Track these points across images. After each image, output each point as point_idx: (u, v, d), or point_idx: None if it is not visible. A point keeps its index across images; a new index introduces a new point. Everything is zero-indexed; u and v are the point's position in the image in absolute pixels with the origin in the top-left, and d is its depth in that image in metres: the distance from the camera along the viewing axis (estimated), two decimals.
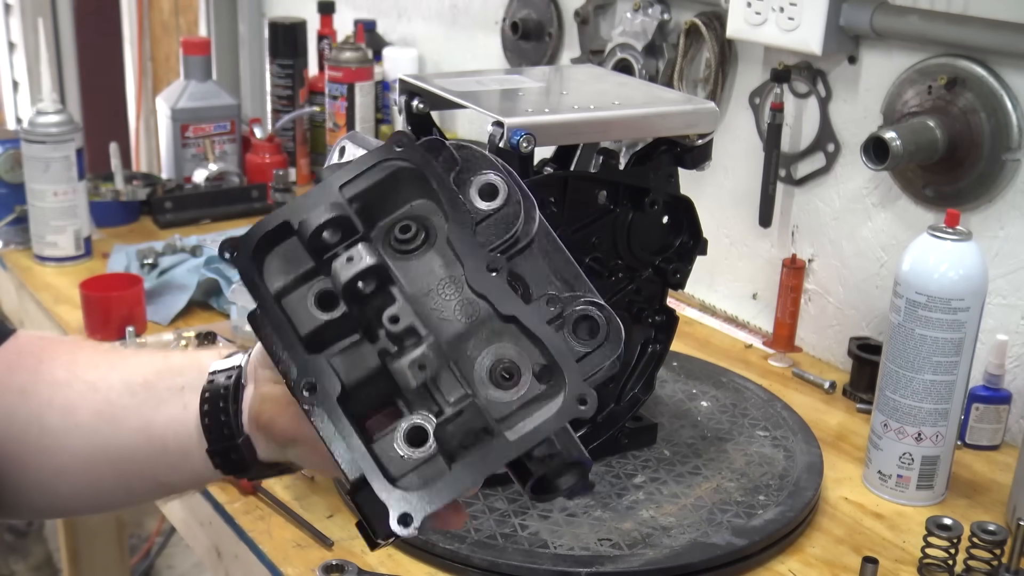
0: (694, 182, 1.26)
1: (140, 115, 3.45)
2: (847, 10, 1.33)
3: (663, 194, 1.11)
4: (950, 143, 1.26)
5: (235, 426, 0.71)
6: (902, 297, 1.09)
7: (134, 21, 3.46)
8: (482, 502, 1.07)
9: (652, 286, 1.14)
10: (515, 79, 1.20)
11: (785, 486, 1.12)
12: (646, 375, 1.17)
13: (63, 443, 0.74)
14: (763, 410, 1.28)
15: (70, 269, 1.69)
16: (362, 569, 0.98)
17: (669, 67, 1.59)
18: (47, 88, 1.68)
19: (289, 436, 0.69)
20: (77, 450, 0.74)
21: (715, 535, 1.03)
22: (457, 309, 0.62)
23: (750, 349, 1.52)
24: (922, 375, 1.09)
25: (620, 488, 1.11)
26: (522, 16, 1.83)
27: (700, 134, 1.11)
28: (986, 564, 0.98)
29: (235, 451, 0.71)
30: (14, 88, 3.59)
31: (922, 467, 1.12)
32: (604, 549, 1.01)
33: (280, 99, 2.15)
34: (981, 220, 1.26)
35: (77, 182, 1.67)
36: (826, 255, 1.47)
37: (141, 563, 2.73)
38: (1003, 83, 1.22)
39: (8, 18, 3.52)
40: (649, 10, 1.59)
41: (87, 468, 0.75)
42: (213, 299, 1.57)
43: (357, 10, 2.30)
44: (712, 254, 1.21)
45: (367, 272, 0.61)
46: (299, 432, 0.68)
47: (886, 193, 1.37)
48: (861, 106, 1.39)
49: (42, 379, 0.76)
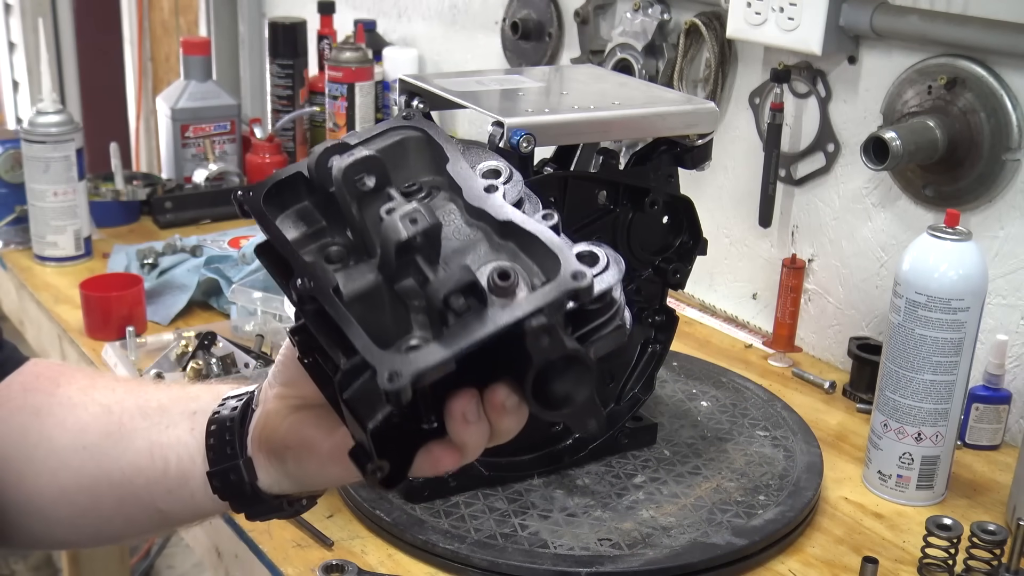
0: (694, 182, 1.26)
1: (140, 115, 3.45)
2: (847, 10, 1.33)
3: (663, 194, 1.11)
4: (950, 143, 1.26)
5: (238, 447, 0.71)
6: (902, 297, 1.09)
7: (134, 21, 3.46)
8: (482, 502, 1.07)
9: (652, 286, 1.14)
10: (515, 79, 1.20)
11: (785, 486, 1.12)
12: (646, 375, 1.17)
13: (68, 463, 0.74)
14: (763, 410, 1.28)
15: (70, 269, 1.69)
16: (362, 569, 0.98)
17: (669, 67, 1.59)
18: (47, 88, 1.68)
19: (287, 444, 0.69)
20: (81, 470, 0.74)
21: (715, 535, 1.03)
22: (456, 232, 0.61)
23: (750, 349, 1.52)
24: (922, 375, 1.09)
25: (620, 488, 1.11)
26: (522, 16, 1.83)
27: (700, 134, 1.11)
28: (986, 564, 0.98)
29: (235, 471, 0.70)
30: (14, 88, 3.60)
31: (922, 467, 1.12)
32: (604, 549, 1.01)
33: (280, 99, 2.15)
34: (981, 220, 1.26)
35: (77, 182, 1.67)
36: (826, 255, 1.47)
37: (141, 563, 2.73)
38: (1003, 83, 1.22)
39: (8, 18, 3.52)
40: (649, 10, 1.59)
41: (89, 489, 0.75)
42: (213, 299, 1.57)
43: (357, 10, 2.30)
44: (712, 254, 1.21)
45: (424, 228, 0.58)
46: (297, 436, 0.68)
47: (886, 193, 1.37)
48: (861, 106, 1.39)
49: (57, 401, 0.76)
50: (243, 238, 1.72)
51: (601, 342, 0.58)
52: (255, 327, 1.42)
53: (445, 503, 1.06)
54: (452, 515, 1.05)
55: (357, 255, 0.62)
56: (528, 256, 0.59)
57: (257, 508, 0.73)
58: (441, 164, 0.64)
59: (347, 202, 0.61)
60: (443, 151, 0.64)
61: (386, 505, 1.05)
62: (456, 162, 0.64)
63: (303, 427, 0.68)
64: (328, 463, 0.67)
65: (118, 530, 0.79)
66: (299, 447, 0.68)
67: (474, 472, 1.08)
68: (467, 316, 0.55)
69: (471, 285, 0.55)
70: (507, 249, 0.60)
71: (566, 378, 0.56)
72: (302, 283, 0.59)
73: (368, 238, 0.61)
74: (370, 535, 1.05)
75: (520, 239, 0.60)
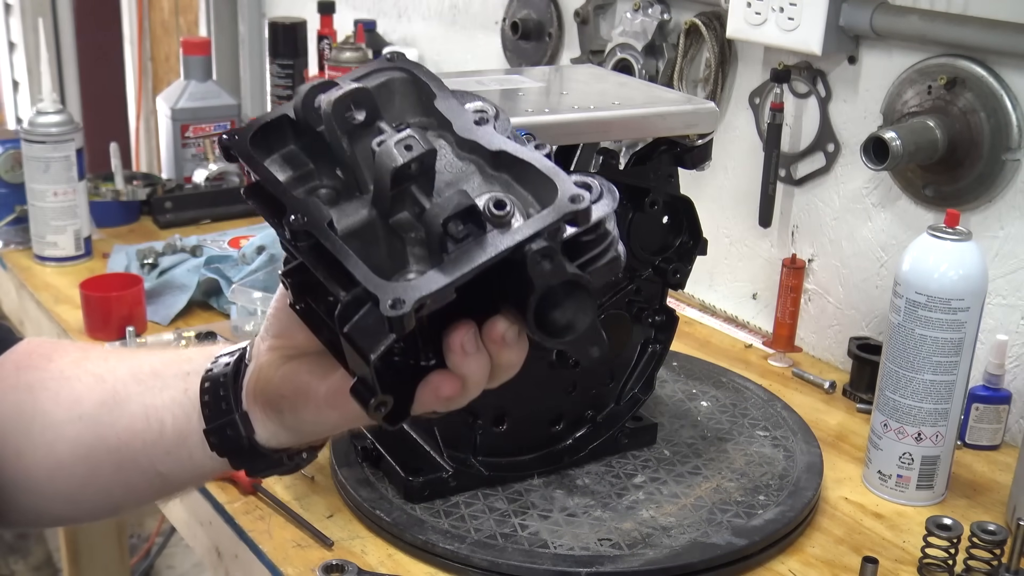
0: (694, 182, 1.26)
1: (140, 115, 3.45)
2: (847, 10, 1.33)
3: (663, 194, 1.11)
4: (950, 143, 1.26)
5: (233, 402, 0.70)
6: (902, 297, 1.09)
7: (134, 21, 3.46)
8: (482, 502, 1.07)
9: (652, 286, 1.14)
10: (515, 79, 1.20)
11: (785, 486, 1.12)
12: (646, 375, 1.17)
13: (65, 435, 0.74)
14: (763, 410, 1.28)
15: (70, 269, 1.69)
16: (362, 569, 0.98)
17: (669, 67, 1.59)
18: (47, 88, 1.68)
19: (282, 393, 0.68)
20: (78, 441, 0.74)
21: (715, 535, 1.03)
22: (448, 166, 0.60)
23: (750, 349, 1.52)
24: (922, 375, 1.09)
25: (620, 488, 1.11)
26: (522, 16, 1.83)
27: (700, 134, 1.11)
28: (986, 564, 0.98)
29: (231, 426, 0.70)
30: (14, 88, 3.60)
31: (922, 467, 1.12)
32: (604, 549, 1.01)
33: (280, 99, 2.14)
34: (981, 220, 1.26)
35: (77, 182, 1.67)
36: (826, 255, 1.47)
37: (141, 563, 2.73)
38: (1003, 83, 1.22)
39: (8, 18, 3.52)
40: (649, 10, 1.59)
41: (86, 459, 0.74)
42: (213, 299, 1.57)
43: (357, 10, 2.30)
44: (712, 254, 1.21)
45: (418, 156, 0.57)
46: (292, 384, 0.68)
47: (886, 193, 1.37)
48: (861, 106, 1.39)
49: (50, 375, 0.77)
50: (243, 238, 1.72)
51: (598, 272, 0.58)
52: (255, 327, 1.42)
53: (445, 503, 1.06)
54: (452, 515, 1.05)
55: (348, 195, 0.61)
56: (522, 186, 0.59)
57: (256, 463, 0.72)
58: (428, 104, 0.63)
59: (337, 137, 0.60)
60: (430, 89, 0.63)
61: (386, 505, 1.05)
62: (444, 98, 0.63)
63: (297, 374, 0.67)
64: (325, 408, 0.67)
65: (118, 499, 0.79)
66: (294, 395, 0.68)
67: (474, 472, 1.09)
68: (467, 243, 0.54)
69: (470, 209, 0.55)
70: (501, 180, 0.59)
71: (568, 305, 0.56)
72: (296, 219, 0.57)
73: (360, 174, 0.60)
74: (370, 535, 1.05)
75: (513, 169, 0.59)
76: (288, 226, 0.58)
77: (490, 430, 1.10)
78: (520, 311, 0.57)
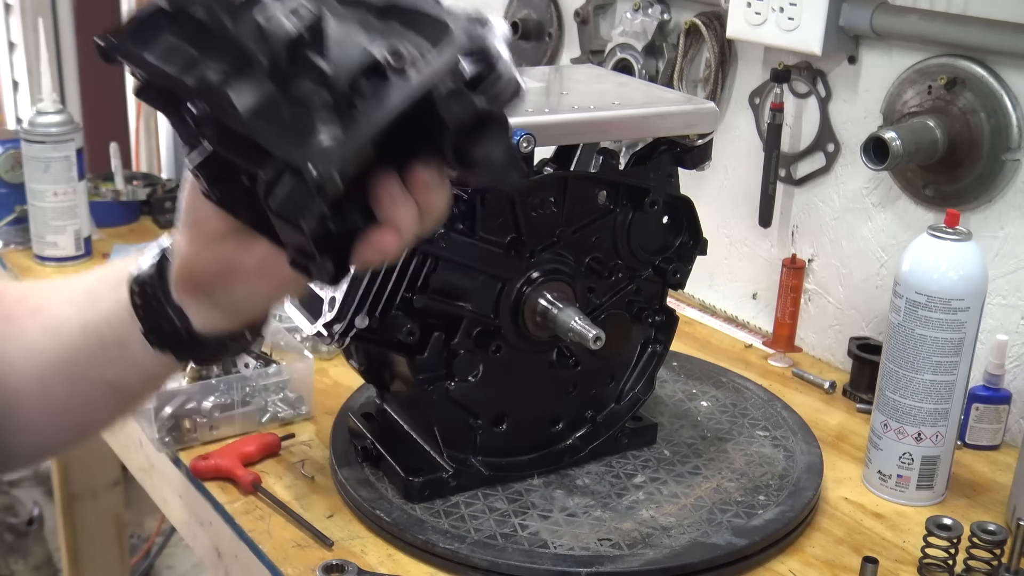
0: (694, 182, 1.26)
1: (140, 115, 3.44)
2: (847, 10, 1.33)
3: (663, 194, 1.11)
4: (950, 143, 1.26)
5: (163, 297, 0.72)
6: (902, 297, 1.09)
7: None
8: (482, 502, 1.07)
9: (652, 286, 1.14)
10: None
11: (785, 486, 1.12)
12: (646, 375, 1.17)
13: (14, 368, 0.76)
14: (763, 410, 1.28)
15: (70, 269, 1.69)
16: (362, 569, 0.98)
17: (669, 67, 1.59)
18: (47, 88, 1.68)
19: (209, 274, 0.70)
20: (26, 370, 0.76)
21: (715, 535, 1.03)
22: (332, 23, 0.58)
23: (750, 349, 1.52)
24: (922, 375, 1.09)
25: (620, 488, 1.11)
26: (522, 16, 1.83)
27: (700, 134, 1.11)
28: (986, 564, 0.98)
29: (166, 321, 0.72)
30: (14, 88, 3.59)
31: (922, 467, 1.12)
32: (604, 549, 1.01)
33: None
34: (981, 220, 1.26)
35: (77, 182, 1.68)
36: (826, 255, 1.47)
37: (141, 563, 2.73)
38: (1003, 83, 1.22)
39: (8, 18, 3.52)
40: (649, 10, 1.59)
41: (38, 386, 0.76)
42: None
43: None
44: (712, 254, 1.21)
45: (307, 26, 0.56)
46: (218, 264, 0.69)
47: (886, 193, 1.37)
48: (861, 106, 1.39)
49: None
50: None
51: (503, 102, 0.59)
52: None
53: (445, 503, 1.06)
54: (452, 515, 1.05)
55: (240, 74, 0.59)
56: (414, 31, 0.58)
57: (200, 352, 0.74)
58: None
59: (217, 17, 0.59)
60: None
61: (386, 505, 1.05)
62: None
63: (222, 254, 0.68)
64: (255, 280, 0.68)
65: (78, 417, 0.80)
66: (223, 273, 0.69)
67: (474, 472, 1.09)
68: (372, 97, 0.55)
69: (374, 65, 0.55)
70: (391, 30, 0.58)
71: (482, 138, 0.58)
72: (197, 106, 0.57)
73: (248, 51, 0.58)
74: (370, 535, 1.05)
75: (402, 16, 0.59)
76: (190, 117, 0.57)
77: (490, 430, 1.10)
78: (438, 153, 0.58)
